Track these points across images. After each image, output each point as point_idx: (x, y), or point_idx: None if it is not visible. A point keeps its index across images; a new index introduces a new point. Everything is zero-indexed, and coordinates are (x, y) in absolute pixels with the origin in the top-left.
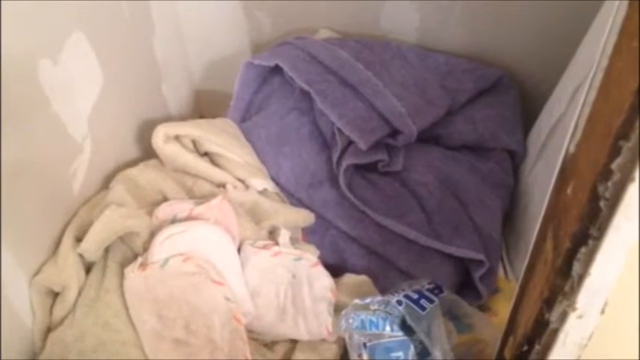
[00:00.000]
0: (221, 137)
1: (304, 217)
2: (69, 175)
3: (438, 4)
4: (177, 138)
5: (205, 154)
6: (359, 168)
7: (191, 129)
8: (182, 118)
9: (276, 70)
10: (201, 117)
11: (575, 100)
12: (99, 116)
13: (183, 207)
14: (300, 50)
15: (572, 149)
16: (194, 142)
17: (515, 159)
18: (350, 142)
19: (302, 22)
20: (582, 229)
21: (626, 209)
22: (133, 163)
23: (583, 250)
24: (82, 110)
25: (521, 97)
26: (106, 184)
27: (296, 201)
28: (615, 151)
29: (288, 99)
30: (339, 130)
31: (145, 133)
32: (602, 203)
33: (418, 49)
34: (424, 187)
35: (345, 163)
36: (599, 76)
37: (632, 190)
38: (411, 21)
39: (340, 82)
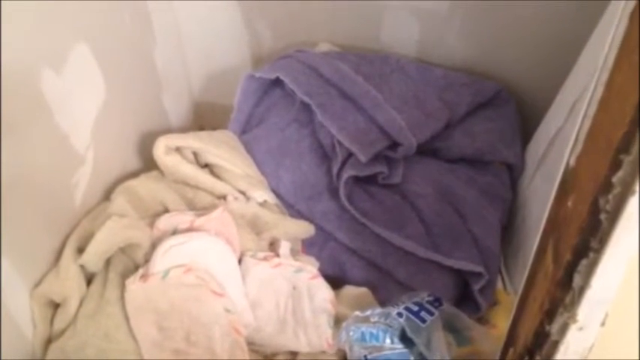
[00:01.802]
0: (222, 149)
1: (305, 229)
2: (71, 186)
3: (438, 17)
4: (178, 150)
5: (206, 166)
6: (359, 180)
7: (192, 141)
8: (182, 129)
9: (277, 82)
10: (202, 129)
11: (573, 114)
12: (101, 127)
13: (184, 218)
14: (300, 63)
15: (572, 162)
16: (195, 154)
17: (514, 172)
18: (350, 155)
19: (302, 36)
20: (583, 241)
21: (627, 222)
22: (134, 175)
23: (584, 262)
24: (84, 121)
25: (519, 110)
26: (107, 195)
27: (296, 213)
28: (616, 165)
29: (289, 111)
30: (339, 142)
31: (146, 145)
32: (602, 216)
33: (417, 62)
34: (423, 199)
35: (345, 175)
36: (600, 89)
37: (632, 203)
38: (411, 34)
39: (340, 95)
